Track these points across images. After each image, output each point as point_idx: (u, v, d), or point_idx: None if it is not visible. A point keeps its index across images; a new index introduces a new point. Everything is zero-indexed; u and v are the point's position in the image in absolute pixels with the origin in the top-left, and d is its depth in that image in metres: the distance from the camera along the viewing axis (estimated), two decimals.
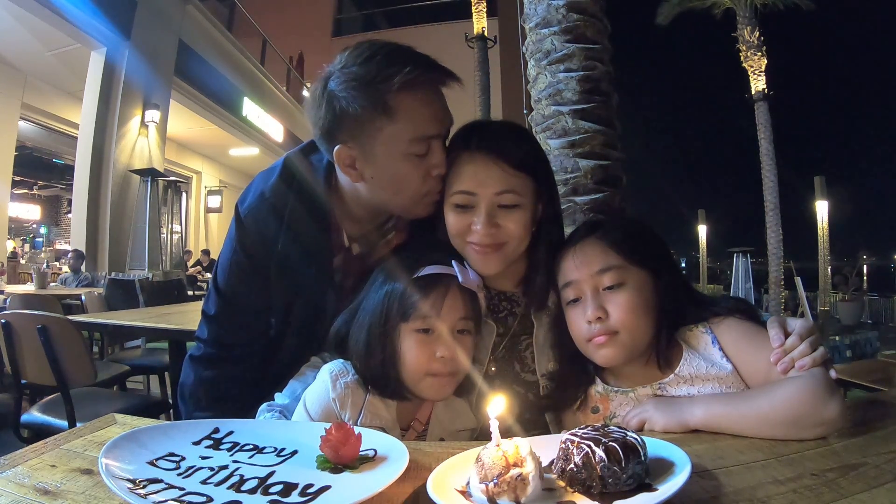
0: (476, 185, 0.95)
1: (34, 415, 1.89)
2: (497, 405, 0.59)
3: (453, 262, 0.92)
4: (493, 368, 1.01)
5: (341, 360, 0.92)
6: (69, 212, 11.05)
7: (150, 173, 7.47)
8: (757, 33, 10.81)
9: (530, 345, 1.01)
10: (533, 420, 0.99)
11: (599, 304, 0.88)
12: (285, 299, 1.08)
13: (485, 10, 9.54)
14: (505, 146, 0.96)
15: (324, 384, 0.88)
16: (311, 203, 1.05)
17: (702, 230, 17.10)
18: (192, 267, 9.98)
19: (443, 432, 0.93)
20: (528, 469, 0.55)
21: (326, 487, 0.59)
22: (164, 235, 9.39)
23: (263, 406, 0.97)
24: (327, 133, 0.96)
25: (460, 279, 0.90)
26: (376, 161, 0.95)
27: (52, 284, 5.58)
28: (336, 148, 0.95)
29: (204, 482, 0.60)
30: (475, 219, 0.95)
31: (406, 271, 0.89)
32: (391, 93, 0.89)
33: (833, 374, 0.75)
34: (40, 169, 11.22)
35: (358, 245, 1.10)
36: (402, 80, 0.88)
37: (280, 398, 0.99)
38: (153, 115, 7.73)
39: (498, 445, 0.56)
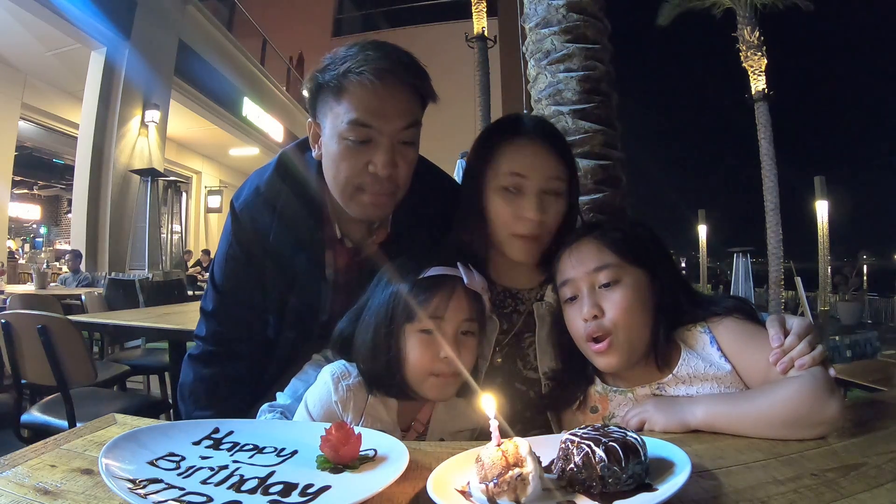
0: (528, 168, 0.99)
1: (34, 415, 1.89)
2: (489, 404, 0.59)
3: (458, 263, 0.92)
4: (498, 360, 1.02)
5: (343, 362, 0.92)
6: (69, 212, 11.05)
7: (150, 173, 7.47)
8: (757, 33, 10.80)
9: (533, 342, 1.02)
10: (533, 418, 1.00)
11: (595, 301, 0.88)
12: (280, 293, 1.09)
13: (485, 10, 9.54)
14: (551, 134, 1.05)
15: (325, 386, 0.88)
16: (304, 196, 1.07)
17: (702, 230, 17.08)
18: (192, 267, 9.98)
19: (443, 433, 0.93)
20: (528, 469, 0.55)
21: (326, 487, 0.59)
22: (164, 235, 9.40)
23: (264, 406, 0.97)
24: (308, 109, 1.02)
25: (465, 281, 0.90)
26: (325, 139, 0.99)
27: (51, 284, 5.58)
28: (308, 121, 1.03)
29: (204, 482, 0.60)
30: (524, 204, 0.98)
31: (411, 272, 0.89)
32: (347, 74, 0.93)
33: (832, 373, 0.75)
34: (40, 169, 11.22)
35: (350, 240, 1.11)
36: (358, 66, 0.92)
37: (282, 398, 0.99)
38: (153, 115, 7.73)
39: (498, 445, 0.56)
